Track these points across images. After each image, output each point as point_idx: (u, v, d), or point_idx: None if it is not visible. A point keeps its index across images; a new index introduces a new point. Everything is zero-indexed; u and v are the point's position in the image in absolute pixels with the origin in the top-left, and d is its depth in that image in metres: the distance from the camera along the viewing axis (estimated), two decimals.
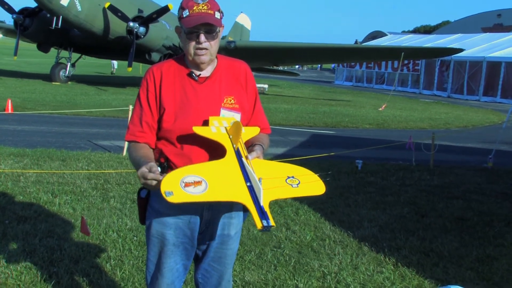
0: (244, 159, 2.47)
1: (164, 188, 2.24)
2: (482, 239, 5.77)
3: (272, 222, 2.23)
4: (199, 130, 2.57)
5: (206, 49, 2.61)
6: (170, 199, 2.22)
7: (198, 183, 2.28)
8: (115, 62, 38.86)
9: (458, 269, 4.89)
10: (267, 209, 2.27)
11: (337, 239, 5.58)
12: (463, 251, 5.35)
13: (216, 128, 2.58)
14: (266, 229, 2.21)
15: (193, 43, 2.61)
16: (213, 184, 2.30)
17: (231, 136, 2.55)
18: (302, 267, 4.77)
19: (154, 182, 2.39)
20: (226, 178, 2.37)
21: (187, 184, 2.26)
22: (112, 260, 4.64)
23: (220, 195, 2.32)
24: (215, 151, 2.56)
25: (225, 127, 2.60)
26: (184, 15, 2.59)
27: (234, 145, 2.53)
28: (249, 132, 2.72)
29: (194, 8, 2.57)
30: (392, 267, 4.88)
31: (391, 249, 5.31)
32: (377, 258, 5.08)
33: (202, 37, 2.59)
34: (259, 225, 2.21)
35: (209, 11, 2.58)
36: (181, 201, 2.24)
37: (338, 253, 5.14)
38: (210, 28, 2.59)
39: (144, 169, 2.42)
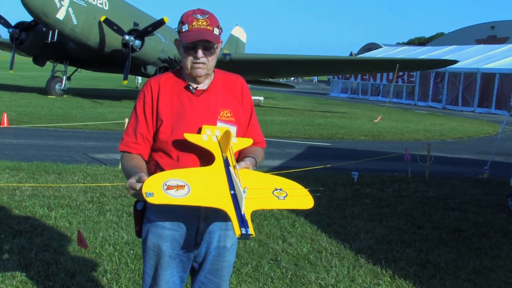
0: (231, 168, 2.48)
1: (145, 189, 2.24)
2: (478, 250, 5.78)
3: (251, 231, 2.21)
4: (191, 137, 2.60)
5: (203, 63, 2.65)
6: (150, 199, 2.22)
7: (181, 187, 2.29)
8: (139, 78, 38.84)
9: (455, 281, 4.89)
10: (248, 217, 2.26)
11: (334, 251, 5.57)
12: (460, 263, 5.35)
13: (208, 137, 2.61)
14: (244, 237, 2.20)
15: (190, 58, 2.65)
16: (196, 189, 2.31)
17: (221, 145, 2.57)
18: (299, 279, 4.77)
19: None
20: (210, 184, 2.38)
21: (169, 187, 2.27)
22: (108, 274, 4.62)
23: (202, 200, 2.32)
24: (211, 163, 2.56)
25: (217, 136, 2.63)
26: (184, 30, 2.62)
27: (223, 154, 2.54)
28: (242, 143, 2.74)
29: (193, 24, 2.60)
30: (389, 279, 4.87)
31: (388, 261, 5.31)
32: (374, 270, 5.07)
33: (200, 53, 2.62)
34: (237, 232, 2.20)
35: (208, 27, 2.61)
36: (161, 202, 2.25)
37: (335, 265, 5.13)
38: (208, 45, 2.63)
39: (132, 180, 2.42)
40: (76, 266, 4.72)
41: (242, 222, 2.23)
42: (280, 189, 2.48)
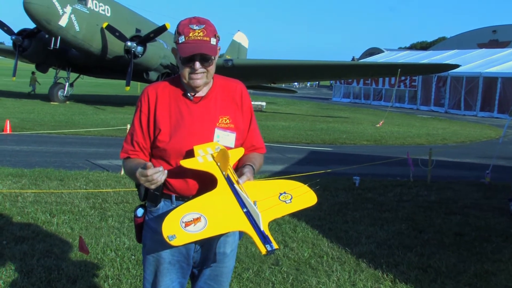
0: (236, 184, 2.49)
1: (166, 232, 2.26)
2: (480, 254, 5.78)
3: (275, 245, 2.25)
4: (187, 163, 2.57)
5: (202, 73, 2.63)
6: (174, 242, 2.24)
7: (197, 219, 2.31)
8: None
9: (456, 285, 4.89)
10: (267, 232, 2.29)
11: (335, 255, 5.58)
12: (461, 267, 5.35)
13: (203, 158, 2.59)
14: (270, 253, 2.24)
15: (188, 69, 2.62)
16: (211, 218, 2.33)
17: (219, 164, 2.56)
18: (300, 284, 4.77)
19: (156, 175, 2.43)
20: (222, 208, 2.39)
21: (187, 224, 2.28)
22: (110, 279, 4.63)
23: (220, 227, 2.35)
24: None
25: (211, 154, 2.61)
26: (180, 41, 2.58)
27: (224, 173, 2.54)
28: (234, 156, 2.72)
29: (190, 35, 2.56)
30: (390, 284, 4.87)
31: (389, 265, 5.31)
32: (375, 275, 5.08)
33: (197, 65, 2.60)
34: (263, 250, 2.23)
35: (205, 38, 2.57)
36: (184, 243, 2.28)
37: (336, 270, 5.14)
38: (205, 56, 2.60)
39: (139, 170, 2.47)
40: (78, 272, 4.73)
41: (265, 239, 2.26)
42: (284, 193, 2.53)
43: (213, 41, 2.60)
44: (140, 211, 2.81)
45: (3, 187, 7.87)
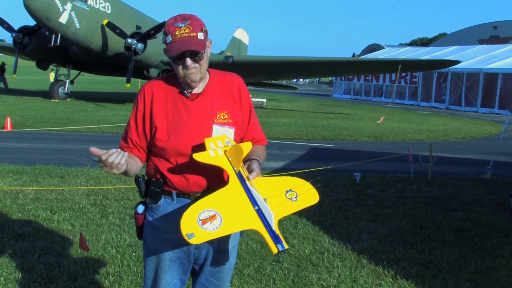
0: (247, 181, 2.48)
1: (185, 230, 2.24)
2: (481, 250, 5.78)
3: (286, 245, 2.26)
4: (199, 157, 2.55)
5: (195, 68, 2.62)
6: (193, 241, 2.24)
7: (213, 217, 2.30)
8: None
9: (457, 281, 4.89)
10: (278, 231, 2.30)
11: (336, 252, 5.58)
12: (462, 263, 5.35)
13: (214, 151, 2.58)
14: (281, 252, 2.25)
15: (180, 67, 2.62)
16: (226, 216, 2.32)
17: (230, 159, 2.55)
18: (301, 280, 4.77)
19: (111, 158, 2.49)
20: (235, 206, 2.39)
21: (204, 221, 2.28)
22: (111, 276, 4.64)
23: (234, 226, 2.35)
24: (210, 167, 2.57)
25: (222, 148, 2.60)
26: (168, 41, 2.58)
27: (235, 168, 2.53)
28: (244, 151, 2.71)
29: (176, 33, 2.55)
30: (391, 280, 4.87)
31: (390, 262, 5.31)
32: (376, 271, 5.08)
33: (189, 61, 2.59)
34: (274, 250, 2.24)
35: (192, 34, 2.56)
36: (202, 241, 2.27)
37: (337, 266, 5.14)
38: (194, 51, 2.58)
39: (98, 159, 2.49)
40: (78, 269, 4.74)
41: (276, 238, 2.26)
42: (290, 190, 2.53)
43: (200, 35, 2.59)
44: (140, 208, 2.81)
45: (3, 184, 7.87)
